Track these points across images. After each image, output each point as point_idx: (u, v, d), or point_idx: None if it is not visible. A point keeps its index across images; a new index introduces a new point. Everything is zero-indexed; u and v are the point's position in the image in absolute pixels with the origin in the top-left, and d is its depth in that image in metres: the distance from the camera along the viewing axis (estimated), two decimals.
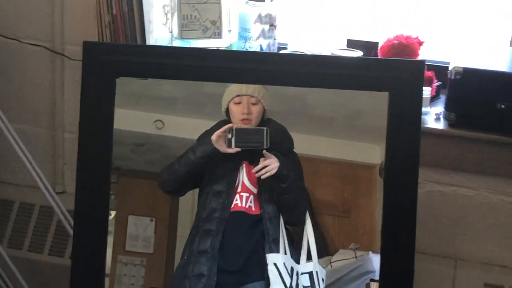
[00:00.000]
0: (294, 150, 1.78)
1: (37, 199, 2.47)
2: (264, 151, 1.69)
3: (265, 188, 1.73)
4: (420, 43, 2.22)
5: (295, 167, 1.75)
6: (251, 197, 1.73)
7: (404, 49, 2.19)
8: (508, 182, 2.14)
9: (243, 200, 1.72)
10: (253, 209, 1.72)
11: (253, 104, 1.75)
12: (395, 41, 2.21)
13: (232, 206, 1.72)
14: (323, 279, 1.72)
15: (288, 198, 1.70)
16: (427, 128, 2.08)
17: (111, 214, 1.92)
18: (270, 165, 1.69)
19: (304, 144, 1.80)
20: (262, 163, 1.69)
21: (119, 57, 1.63)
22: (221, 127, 1.73)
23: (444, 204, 2.19)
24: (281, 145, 1.74)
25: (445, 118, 2.10)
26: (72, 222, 2.16)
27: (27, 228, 2.55)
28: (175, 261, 1.79)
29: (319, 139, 1.85)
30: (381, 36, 2.28)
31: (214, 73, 1.70)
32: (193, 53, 1.77)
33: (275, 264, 1.67)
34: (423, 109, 2.06)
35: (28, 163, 2.20)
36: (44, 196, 2.24)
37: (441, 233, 2.21)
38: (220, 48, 2.17)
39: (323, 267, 1.73)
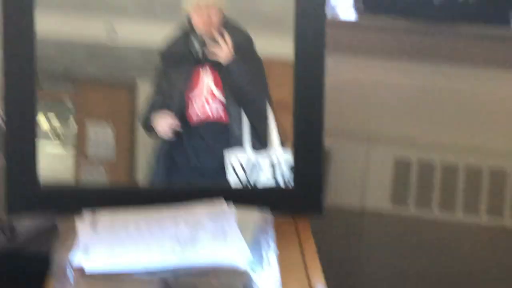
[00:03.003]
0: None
1: None
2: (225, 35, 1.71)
3: (229, 94, 1.75)
4: None
5: (253, 66, 1.73)
6: (219, 104, 1.74)
7: None
8: (414, 65, 2.31)
9: (212, 108, 1.74)
10: (222, 115, 1.74)
11: (213, 10, 1.71)
12: None
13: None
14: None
15: (241, 87, 1.72)
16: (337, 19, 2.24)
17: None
18: (224, 49, 1.70)
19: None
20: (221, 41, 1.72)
21: None
22: (183, 39, 1.72)
23: (358, 89, 2.36)
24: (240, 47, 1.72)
25: (354, 7, 2.25)
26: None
27: None
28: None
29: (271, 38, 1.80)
30: None
31: None
32: None
33: (236, 157, 1.74)
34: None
35: None
36: None
37: (357, 114, 2.39)
38: None
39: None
